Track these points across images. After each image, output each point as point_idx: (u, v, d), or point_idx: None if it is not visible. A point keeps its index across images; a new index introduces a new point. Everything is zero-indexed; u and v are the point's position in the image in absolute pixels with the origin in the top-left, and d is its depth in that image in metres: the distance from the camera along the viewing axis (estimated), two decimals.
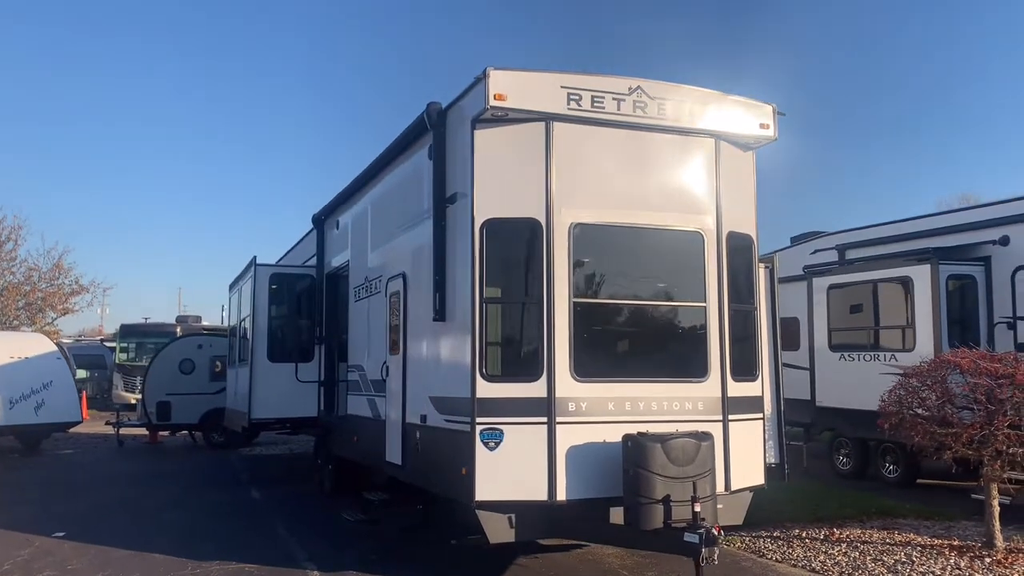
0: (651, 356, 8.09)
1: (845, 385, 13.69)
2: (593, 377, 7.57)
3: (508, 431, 7.42)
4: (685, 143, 8.13)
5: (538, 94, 7.62)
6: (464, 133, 7.87)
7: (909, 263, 12.59)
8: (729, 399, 8.05)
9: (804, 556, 9.02)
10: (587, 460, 7.44)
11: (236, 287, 16.86)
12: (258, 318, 13.86)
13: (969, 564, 8.34)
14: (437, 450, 8.29)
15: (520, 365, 7.63)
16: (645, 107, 7.90)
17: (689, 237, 8.09)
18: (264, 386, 13.72)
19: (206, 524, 11.29)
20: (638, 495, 7.04)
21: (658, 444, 7.10)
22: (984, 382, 8.37)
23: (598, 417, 7.52)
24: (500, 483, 7.39)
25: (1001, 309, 12.09)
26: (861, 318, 13.71)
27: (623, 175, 7.92)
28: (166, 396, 21.10)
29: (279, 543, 9.97)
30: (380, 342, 10.36)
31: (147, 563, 8.99)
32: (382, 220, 10.74)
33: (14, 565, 8.97)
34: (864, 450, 14.37)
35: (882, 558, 8.75)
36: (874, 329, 13.41)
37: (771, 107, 8.52)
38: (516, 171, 7.72)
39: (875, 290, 13.26)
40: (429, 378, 8.63)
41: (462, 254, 7.85)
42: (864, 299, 13.60)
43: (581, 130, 7.76)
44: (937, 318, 12.04)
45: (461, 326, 7.77)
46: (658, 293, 8.16)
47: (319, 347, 13.82)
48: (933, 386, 8.73)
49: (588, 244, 7.69)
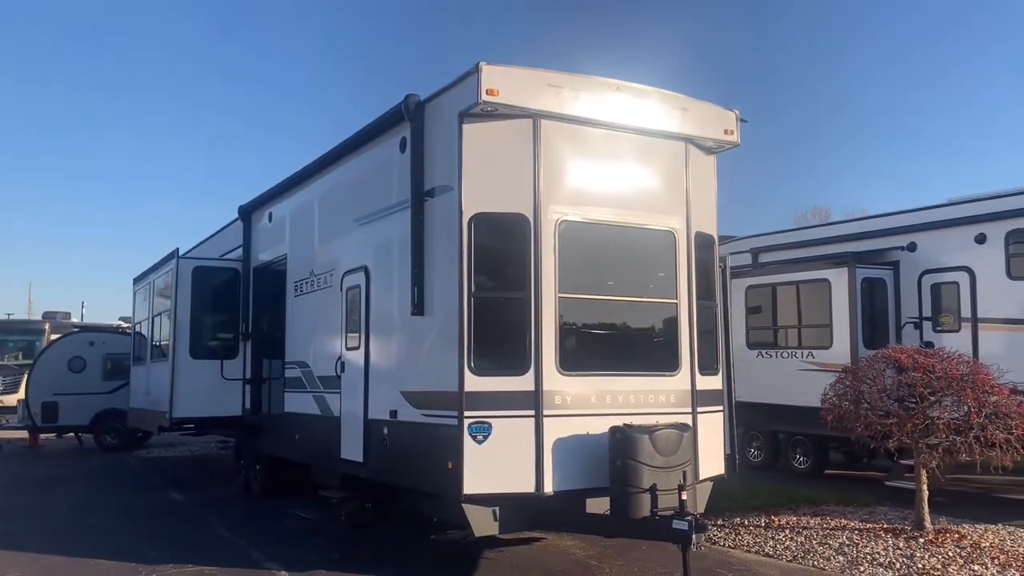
0: (629, 350, 8.32)
1: (761, 382, 14.38)
2: (577, 371, 7.72)
3: (496, 424, 7.46)
4: (661, 145, 8.40)
5: (527, 91, 7.69)
6: (448, 126, 7.85)
7: (827, 266, 13.41)
8: (697, 392, 8.38)
9: (754, 542, 9.47)
10: (572, 452, 7.56)
11: (146, 280, 16.09)
12: (180, 312, 13.26)
13: (906, 544, 8.99)
14: (412, 445, 8.22)
15: (508, 359, 7.66)
16: (627, 108, 8.12)
17: (663, 236, 8.36)
18: (186, 384, 13.13)
19: (139, 527, 10.75)
20: (627, 485, 7.23)
21: (645, 435, 7.31)
22: (922, 376, 9.05)
23: (582, 410, 7.67)
24: (488, 476, 7.41)
25: (908, 310, 13.04)
26: (778, 317, 14.46)
27: (605, 174, 8.11)
28: (53, 396, 19.89)
29: (228, 545, 9.63)
30: (332, 337, 10.16)
31: (94, 570, 8.50)
32: (334, 213, 10.54)
33: None
34: (775, 443, 15.17)
35: (827, 542, 9.30)
36: (792, 328, 14.18)
37: (735, 114, 8.91)
38: (504, 166, 7.77)
39: (796, 291, 14.02)
40: (402, 373, 8.54)
41: (445, 248, 7.84)
42: (782, 300, 14.36)
43: (567, 128, 7.89)
44: (853, 317, 12.88)
45: (445, 320, 7.75)
46: (636, 289, 8.37)
47: (244, 343, 13.38)
48: (876, 380, 9.35)
49: (573, 240, 7.83)
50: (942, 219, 12.68)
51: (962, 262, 12.26)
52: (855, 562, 8.50)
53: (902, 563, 8.37)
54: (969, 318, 12.14)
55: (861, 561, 8.52)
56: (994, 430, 8.83)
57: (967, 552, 8.67)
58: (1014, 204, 11.65)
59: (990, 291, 11.89)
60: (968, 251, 12.16)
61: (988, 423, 8.87)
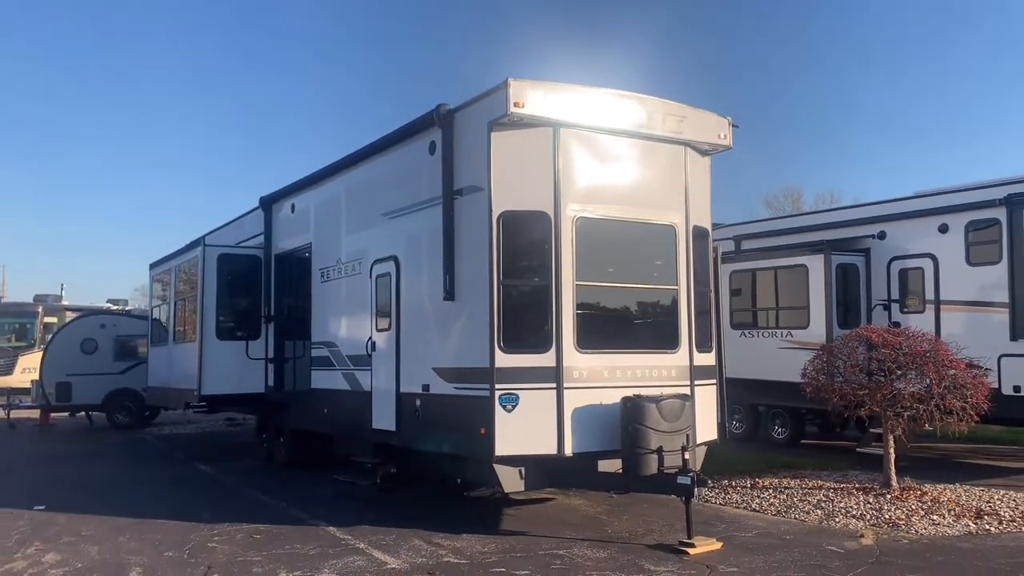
0: (636, 331, 9.49)
1: (743, 359, 15.54)
2: (592, 349, 8.84)
3: (523, 395, 8.57)
4: (663, 149, 9.50)
5: (548, 103, 8.75)
6: (478, 133, 8.90)
7: (805, 253, 14.61)
8: (695, 367, 9.55)
9: (741, 500, 10.68)
10: (588, 419, 8.70)
11: (165, 266, 16.97)
12: (206, 297, 14.19)
13: (875, 500, 10.23)
14: (445, 415, 9.30)
15: (532, 339, 8.77)
16: (634, 117, 9.21)
17: (665, 230, 9.49)
18: (213, 363, 14.10)
19: (181, 494, 11.77)
20: (637, 446, 8.38)
21: (653, 404, 8.47)
22: (890, 352, 10.26)
23: (596, 383, 8.80)
24: (516, 440, 8.53)
25: (877, 293, 14.28)
26: (760, 300, 15.68)
27: (614, 175, 9.21)
28: (66, 376, 20.71)
29: (270, 508, 10.66)
30: (361, 319, 11.19)
31: (160, 527, 9.51)
32: (361, 207, 11.53)
33: (24, 535, 9.26)
34: (756, 415, 16.43)
35: (806, 499, 10.52)
36: (772, 310, 15.39)
37: (728, 120, 10.03)
38: (527, 169, 8.83)
39: (776, 276, 15.23)
40: (433, 351, 9.60)
41: (475, 241, 8.89)
42: (763, 284, 15.57)
43: (582, 135, 8.97)
44: (829, 300, 14.10)
45: (476, 305, 8.83)
46: (641, 277, 9.53)
47: (267, 325, 14.35)
48: (850, 356, 10.56)
49: (588, 235, 8.92)
50: (909, 210, 13.89)
51: (927, 250, 13.48)
52: (831, 515, 9.73)
53: (872, 515, 9.61)
54: (932, 300, 13.37)
55: (836, 514, 9.75)
56: (952, 399, 10.06)
57: (928, 505, 9.92)
58: (973, 198, 12.87)
59: (951, 276, 13.11)
60: (932, 240, 13.37)
61: (947, 393, 10.09)
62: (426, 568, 7.62)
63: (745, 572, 7.43)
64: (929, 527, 9.09)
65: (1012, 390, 12.03)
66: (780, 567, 7.58)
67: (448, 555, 8.07)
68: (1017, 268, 12.12)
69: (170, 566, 7.86)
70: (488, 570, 7.54)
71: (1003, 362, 12.16)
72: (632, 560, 7.84)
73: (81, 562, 8.04)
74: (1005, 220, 12.24)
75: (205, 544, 8.68)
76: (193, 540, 8.84)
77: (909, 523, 9.26)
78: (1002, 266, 12.33)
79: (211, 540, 8.84)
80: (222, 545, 8.62)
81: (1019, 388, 12.02)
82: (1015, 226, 12.11)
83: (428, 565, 7.71)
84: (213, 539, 8.88)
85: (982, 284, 12.68)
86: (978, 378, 10.41)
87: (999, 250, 12.38)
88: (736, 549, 8.22)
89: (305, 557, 8.05)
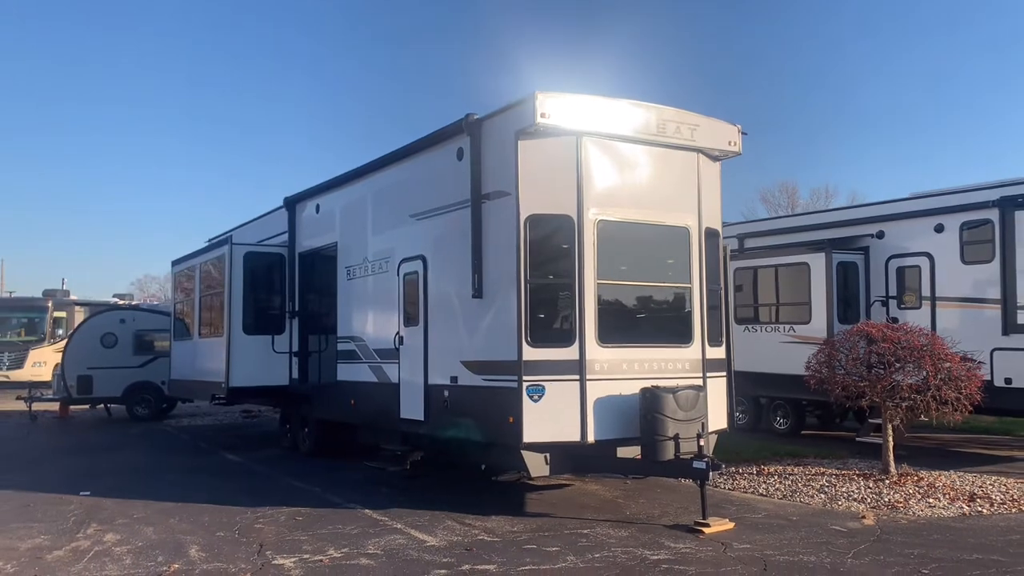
0: (652, 326, 10.13)
1: (746, 353, 16.21)
2: (612, 343, 9.47)
3: (549, 386, 9.21)
4: (678, 156, 10.12)
5: (572, 114, 9.37)
6: (505, 141, 9.52)
7: (807, 251, 15.27)
8: (707, 360, 10.19)
9: (748, 486, 11.34)
10: (608, 409, 9.33)
11: (188, 263, 17.55)
12: (234, 293, 14.78)
13: (875, 485, 10.89)
14: (474, 405, 9.92)
15: (557, 334, 9.41)
16: (651, 126, 9.83)
17: (679, 232, 10.12)
18: (240, 357, 14.70)
19: (217, 481, 12.36)
20: (656, 434, 9.02)
21: (670, 395, 9.11)
22: (889, 346, 10.92)
23: (616, 375, 9.44)
24: (542, 428, 9.17)
25: (876, 289, 14.93)
26: (763, 296, 16.33)
27: (632, 180, 9.83)
28: (87, 370, 21.29)
29: (305, 493, 11.27)
30: (388, 315, 11.81)
31: (205, 510, 10.11)
32: (388, 208, 12.14)
33: (79, 517, 9.85)
34: (758, 407, 17.09)
35: (809, 484, 11.18)
36: (775, 306, 16.05)
37: (737, 127, 10.65)
38: (552, 176, 9.45)
39: (779, 273, 15.88)
40: (461, 346, 10.22)
41: (503, 242, 9.50)
42: (766, 280, 16.22)
43: (603, 143, 9.59)
44: (830, 296, 14.76)
45: (504, 302, 9.46)
46: (657, 276, 10.18)
47: (291, 320, 14.97)
48: (851, 350, 11.22)
49: (608, 236, 9.55)
50: (906, 211, 14.55)
51: (923, 248, 14.13)
52: (834, 498, 10.39)
53: (872, 498, 10.28)
54: (929, 297, 14.04)
55: (839, 497, 10.41)
56: (947, 390, 10.73)
57: (924, 490, 10.58)
58: (967, 199, 13.52)
59: (947, 274, 13.78)
60: (928, 239, 14.03)
61: (943, 385, 10.76)
62: (463, 545, 8.25)
63: (757, 548, 8.08)
64: (926, 509, 9.77)
65: (1004, 382, 12.70)
66: (789, 544, 8.23)
67: (481, 534, 8.71)
68: (1008, 266, 12.78)
69: (224, 544, 8.48)
70: (521, 547, 8.17)
71: (995, 355, 12.83)
72: (652, 538, 8.48)
73: (141, 541, 8.65)
74: (997, 221, 12.89)
75: (252, 525, 9.31)
76: (239, 522, 9.47)
77: (907, 506, 9.93)
78: (994, 264, 12.99)
79: (256, 522, 9.46)
80: (268, 526, 9.25)
81: (1010, 380, 12.69)
82: (1007, 226, 12.76)
83: (464, 543, 8.35)
84: (258, 521, 9.51)
85: (976, 282, 13.35)
86: (971, 370, 11.09)
87: (992, 249, 13.04)
88: (747, 529, 8.88)
89: (348, 536, 8.68)
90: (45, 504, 10.64)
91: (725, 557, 7.81)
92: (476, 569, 7.42)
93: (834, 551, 7.96)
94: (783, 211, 57.86)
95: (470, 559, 7.76)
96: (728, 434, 11.06)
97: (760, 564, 7.52)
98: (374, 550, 8.12)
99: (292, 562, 7.73)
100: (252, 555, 8.04)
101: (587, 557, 7.81)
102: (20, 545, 8.54)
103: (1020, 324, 12.59)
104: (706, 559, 7.75)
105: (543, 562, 7.64)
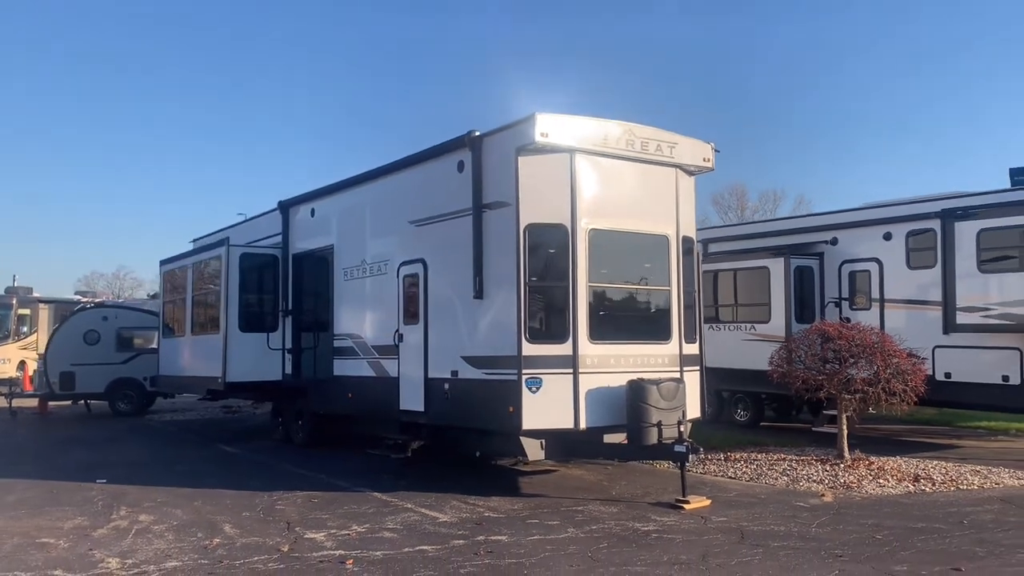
0: (637, 325, 11.19)
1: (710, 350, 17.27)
2: (601, 340, 10.51)
3: (545, 379, 10.22)
4: (658, 171, 11.21)
5: (567, 133, 10.39)
6: (506, 157, 10.50)
7: (767, 256, 16.52)
8: (683, 355, 11.30)
9: (718, 470, 12.48)
10: (598, 399, 10.37)
11: (179, 263, 18.19)
12: (230, 292, 15.49)
13: (832, 468, 12.11)
14: (474, 396, 10.88)
15: (553, 331, 10.42)
16: (635, 144, 10.89)
17: (660, 240, 11.21)
18: (236, 353, 15.43)
19: (223, 470, 13.12)
20: (641, 421, 10.09)
21: (654, 386, 10.19)
22: (844, 344, 12.14)
23: (605, 369, 10.48)
24: (539, 416, 10.19)
25: (830, 292, 16.23)
26: (726, 297, 17.54)
27: (619, 193, 10.89)
28: (70, 366, 21.71)
29: (312, 479, 12.10)
30: (388, 314, 12.69)
31: (224, 495, 10.90)
32: (387, 214, 13.03)
33: (106, 502, 10.57)
34: (720, 400, 18.30)
35: (773, 468, 12.37)
36: (737, 306, 17.27)
37: (711, 145, 11.77)
38: (548, 188, 10.46)
39: (741, 276, 17.10)
40: (461, 342, 11.16)
41: (503, 248, 10.48)
42: (729, 283, 17.44)
43: (593, 160, 10.62)
44: (788, 298, 16.01)
45: (504, 302, 10.44)
46: (642, 279, 11.25)
47: (285, 318, 15.75)
48: (810, 347, 12.43)
49: (598, 243, 10.58)
50: (858, 220, 15.88)
51: (873, 254, 15.45)
52: (796, 480, 11.58)
53: (830, 479, 11.49)
54: (878, 299, 15.36)
55: (800, 479, 11.60)
56: (896, 383, 11.98)
57: (875, 472, 11.82)
58: (913, 210, 14.85)
59: (894, 278, 15.10)
60: (878, 246, 15.34)
61: (891, 378, 12.01)
62: (472, 521, 9.21)
63: (733, 521, 9.18)
64: (876, 488, 10.99)
65: (944, 376, 14.06)
66: (760, 517, 9.35)
67: (486, 511, 9.68)
68: (949, 272, 14.11)
69: (254, 523, 9.32)
70: (525, 521, 9.17)
71: (937, 352, 14.18)
72: (640, 513, 9.55)
73: (175, 521, 9.44)
74: (939, 230, 14.22)
75: (272, 507, 10.16)
76: (260, 504, 10.31)
77: (860, 486, 11.14)
78: (936, 270, 14.32)
79: (276, 504, 10.31)
80: (288, 507, 10.11)
81: (949, 375, 14.05)
82: (947, 236, 14.10)
83: (473, 519, 9.31)
84: (277, 503, 10.36)
85: (920, 285, 14.68)
86: (916, 365, 12.37)
87: (934, 256, 14.38)
88: (722, 505, 9.99)
89: (366, 515, 9.59)
90: (68, 491, 11.32)
91: (706, 528, 8.90)
92: (490, 539, 8.38)
93: (800, 522, 9.10)
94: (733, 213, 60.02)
95: (482, 531, 8.72)
96: (695, 426, 12.17)
97: (737, 533, 8.62)
98: (393, 525, 9.05)
99: (323, 536, 8.61)
100: (283, 531, 8.90)
101: (586, 529, 8.84)
102: (62, 525, 9.28)
103: (959, 324, 13.93)
104: (690, 529, 8.82)
105: (548, 533, 8.64)
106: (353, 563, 7.56)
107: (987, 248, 13.68)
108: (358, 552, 7.93)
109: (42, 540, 8.57)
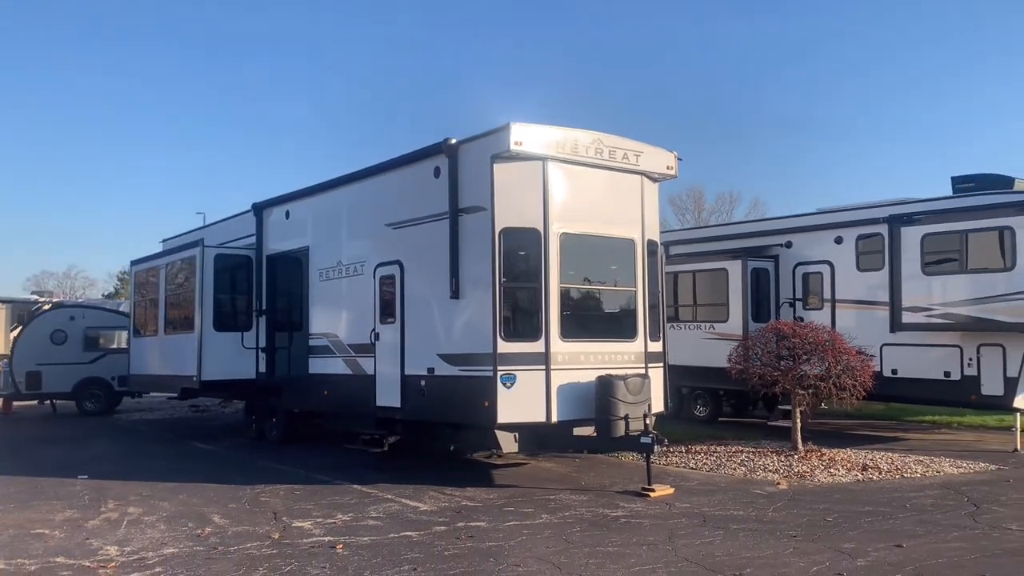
0: (605, 324, 11.79)
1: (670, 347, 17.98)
2: (572, 338, 11.08)
3: (519, 375, 10.76)
4: (625, 178, 11.82)
5: (539, 142, 10.95)
6: (481, 164, 11.03)
7: (726, 259, 17.26)
8: (648, 353, 11.92)
9: (680, 462, 13.14)
10: (568, 394, 10.93)
11: (150, 263, 18.41)
12: (205, 292, 15.80)
13: (786, 459, 12.85)
14: (450, 392, 11.38)
15: (526, 330, 10.97)
16: (603, 153, 11.49)
17: (627, 243, 11.82)
18: (211, 352, 15.75)
19: (203, 465, 13.46)
20: (609, 415, 10.68)
21: (621, 381, 10.79)
22: (798, 341, 12.88)
23: (575, 365, 11.06)
24: (513, 411, 10.72)
25: (785, 292, 17.01)
26: (686, 297, 18.25)
27: (588, 199, 11.47)
28: (36, 366, 21.72)
29: (291, 473, 12.48)
30: (364, 313, 13.13)
31: (208, 488, 11.26)
32: (364, 217, 13.47)
33: (92, 496, 10.87)
34: (680, 396, 18.99)
35: (731, 459, 13.06)
36: (696, 306, 17.99)
37: (674, 154, 12.42)
38: (522, 194, 11.01)
39: (701, 277, 17.82)
40: (438, 340, 11.66)
41: (479, 251, 11.01)
42: (689, 284, 18.15)
43: (564, 167, 11.19)
44: (745, 298, 16.76)
45: (480, 302, 10.97)
46: (609, 280, 11.86)
47: (259, 318, 16.08)
48: (766, 345, 13.15)
49: (569, 247, 11.15)
50: (812, 224, 16.68)
51: (825, 257, 16.26)
52: (753, 470, 12.28)
53: (785, 469, 12.21)
54: (829, 299, 16.15)
55: (757, 469, 12.30)
56: (846, 379, 12.76)
57: (826, 462, 12.57)
58: (863, 215, 15.69)
59: (845, 280, 15.91)
60: (829, 249, 16.15)
61: (842, 374, 12.78)
62: (452, 509, 9.73)
63: (696, 507, 9.82)
64: (828, 477, 11.73)
65: (891, 372, 14.88)
66: (721, 504, 10.00)
67: (464, 501, 10.20)
68: (895, 274, 14.93)
69: (241, 513, 9.72)
70: (501, 509, 9.70)
71: (884, 350, 15.01)
72: (609, 501, 10.15)
73: (163, 512, 9.81)
74: (887, 235, 15.05)
75: (257, 498, 10.56)
76: (244, 496, 10.70)
77: (813, 475, 11.87)
78: (884, 272, 15.15)
79: (260, 496, 10.71)
80: (272, 499, 10.52)
81: (896, 371, 14.88)
82: (895, 240, 14.92)
83: (452, 508, 9.82)
84: (261, 495, 10.76)
85: (868, 286, 15.51)
86: (865, 362, 13.16)
87: (882, 259, 15.21)
88: (685, 493, 10.63)
89: (349, 505, 10.05)
90: (52, 486, 11.59)
91: (671, 513, 9.53)
92: (470, 525, 8.91)
93: (758, 507, 9.76)
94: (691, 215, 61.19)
95: (462, 519, 9.24)
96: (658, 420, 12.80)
97: (700, 517, 9.25)
98: (376, 514, 9.52)
99: (310, 524, 9.06)
100: (271, 520, 9.33)
101: (559, 515, 9.40)
102: (54, 517, 9.60)
103: (905, 323, 14.75)
104: (656, 515, 9.44)
105: (524, 519, 9.18)
106: (343, 547, 8.03)
107: (931, 252, 14.53)
108: (346, 538, 8.39)
109: (37, 531, 8.90)
